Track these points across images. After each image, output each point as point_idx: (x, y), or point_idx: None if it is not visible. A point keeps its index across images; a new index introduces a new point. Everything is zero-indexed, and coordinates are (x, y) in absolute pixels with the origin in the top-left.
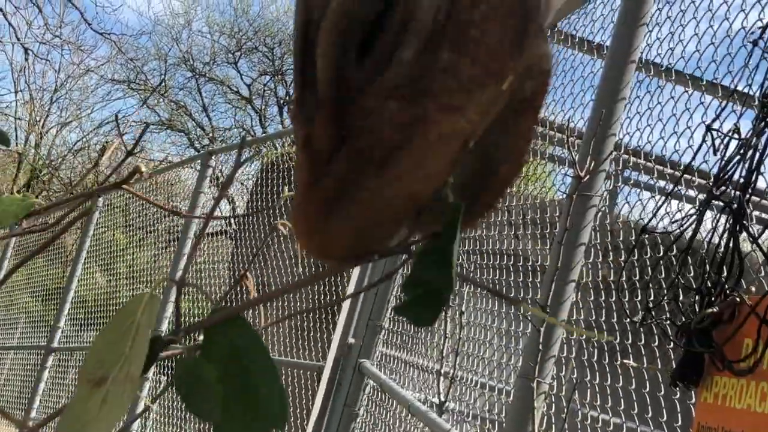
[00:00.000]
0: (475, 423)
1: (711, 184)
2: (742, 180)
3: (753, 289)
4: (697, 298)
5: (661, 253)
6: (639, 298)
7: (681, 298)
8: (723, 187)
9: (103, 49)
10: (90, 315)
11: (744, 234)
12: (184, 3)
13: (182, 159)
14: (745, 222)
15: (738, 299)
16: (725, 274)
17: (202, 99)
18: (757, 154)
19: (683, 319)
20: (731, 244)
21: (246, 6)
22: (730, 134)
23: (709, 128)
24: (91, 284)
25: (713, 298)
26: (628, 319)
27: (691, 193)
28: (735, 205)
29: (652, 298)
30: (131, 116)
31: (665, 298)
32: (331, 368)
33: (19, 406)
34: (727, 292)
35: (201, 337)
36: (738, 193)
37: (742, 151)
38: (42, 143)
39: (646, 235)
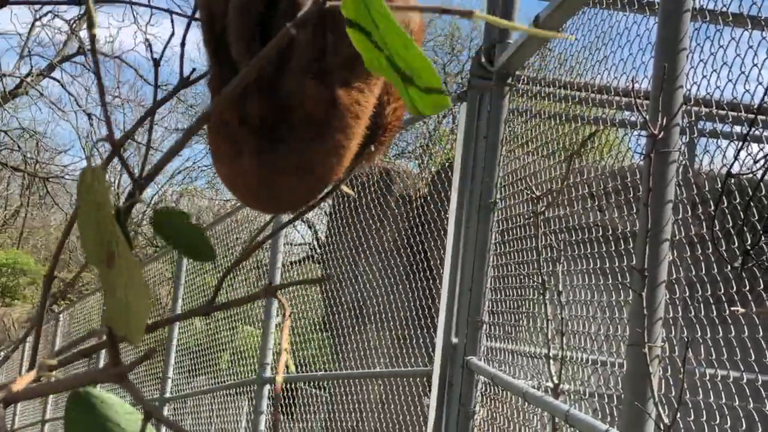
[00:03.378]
0: (593, 400)
1: None
2: None
3: None
4: None
5: (750, 196)
6: (735, 244)
7: None
8: None
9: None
10: (196, 361)
11: None
12: None
13: None
14: None
15: None
16: None
17: None
18: None
19: None
20: None
21: None
22: None
23: None
24: (191, 331)
25: None
26: (729, 267)
27: None
28: None
29: (749, 242)
30: (200, 161)
31: (762, 239)
32: (439, 371)
33: None
34: None
35: None
36: None
37: None
38: (120, 204)
39: (732, 180)
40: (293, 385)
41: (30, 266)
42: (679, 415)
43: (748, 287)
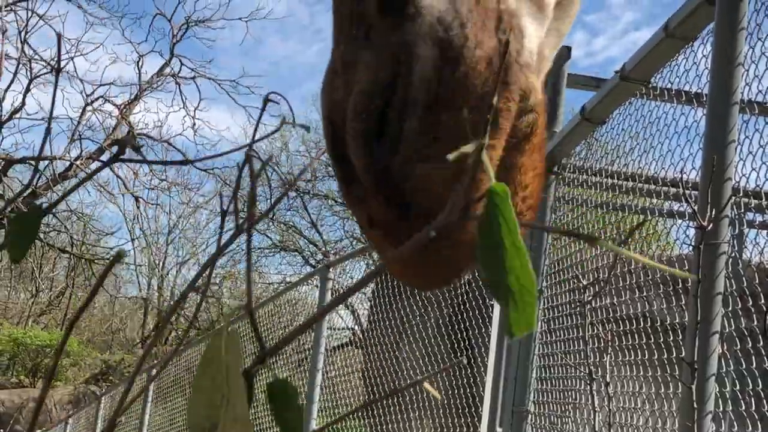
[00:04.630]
0: None
1: None
2: None
3: None
4: None
5: None
6: None
7: None
8: None
9: (209, 185)
10: None
11: None
12: (280, 129)
13: (300, 277)
14: None
15: None
16: None
17: (310, 216)
18: None
19: None
20: None
21: None
22: None
23: None
24: None
25: None
26: None
27: None
28: None
29: None
30: (244, 244)
31: None
32: None
33: None
34: None
35: None
36: None
37: None
38: (164, 285)
39: None
40: None
41: (73, 348)
42: None
43: None
